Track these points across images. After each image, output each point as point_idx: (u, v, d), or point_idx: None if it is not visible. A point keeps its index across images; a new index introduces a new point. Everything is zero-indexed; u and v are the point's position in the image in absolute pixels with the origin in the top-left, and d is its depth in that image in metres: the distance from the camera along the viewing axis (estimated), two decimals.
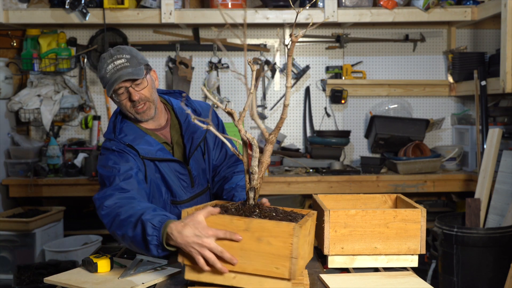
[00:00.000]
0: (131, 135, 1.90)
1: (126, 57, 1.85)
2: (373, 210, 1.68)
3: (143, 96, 1.87)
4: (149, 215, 1.56)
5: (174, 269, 1.69)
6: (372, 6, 3.97)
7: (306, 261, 1.54)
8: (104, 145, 1.92)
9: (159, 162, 1.90)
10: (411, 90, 4.34)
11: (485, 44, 4.36)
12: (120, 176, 1.78)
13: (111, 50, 1.87)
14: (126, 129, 1.92)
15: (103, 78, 1.87)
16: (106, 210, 1.70)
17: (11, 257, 3.61)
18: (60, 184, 3.82)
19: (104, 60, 1.86)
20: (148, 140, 1.90)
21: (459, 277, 3.17)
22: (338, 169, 3.91)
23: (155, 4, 3.87)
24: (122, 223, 1.63)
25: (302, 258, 1.43)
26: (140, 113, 1.89)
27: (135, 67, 1.85)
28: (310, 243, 1.55)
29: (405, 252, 1.70)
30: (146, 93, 1.88)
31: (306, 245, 1.48)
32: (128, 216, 1.62)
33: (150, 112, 1.90)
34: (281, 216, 1.49)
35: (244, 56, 1.33)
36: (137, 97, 1.86)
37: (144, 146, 1.88)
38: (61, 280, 1.62)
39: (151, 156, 1.88)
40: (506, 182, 3.32)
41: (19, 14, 3.86)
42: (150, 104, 1.89)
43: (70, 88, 4.21)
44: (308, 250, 1.52)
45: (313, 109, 4.34)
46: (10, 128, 4.12)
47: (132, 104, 1.87)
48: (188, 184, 1.97)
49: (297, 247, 1.36)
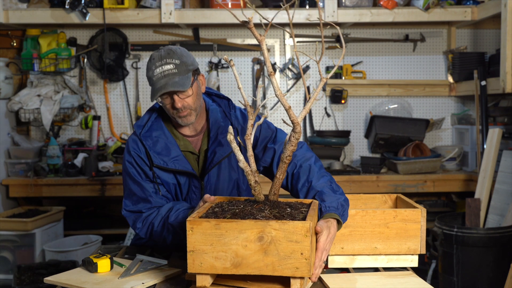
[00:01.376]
0: (155, 136, 1.92)
1: (176, 62, 1.83)
2: (373, 210, 1.68)
3: (186, 104, 1.86)
4: (173, 216, 1.79)
5: (174, 269, 1.69)
6: (372, 6, 3.97)
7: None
8: (129, 143, 1.95)
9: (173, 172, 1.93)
10: (411, 90, 4.34)
11: (485, 44, 4.36)
12: (143, 196, 1.91)
13: (162, 51, 1.85)
14: (155, 128, 1.94)
15: (150, 79, 1.87)
16: (140, 228, 1.90)
17: (11, 257, 3.61)
18: (60, 184, 3.82)
19: (153, 61, 1.85)
20: (169, 146, 1.92)
21: (459, 277, 3.17)
22: (338, 169, 3.91)
23: (155, 4, 3.87)
24: (157, 233, 1.85)
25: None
26: (181, 117, 1.89)
27: (183, 75, 1.83)
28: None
29: (405, 252, 1.70)
30: (190, 101, 1.87)
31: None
32: (160, 225, 1.83)
33: (191, 118, 1.90)
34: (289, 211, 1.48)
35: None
36: (180, 105, 1.85)
37: (161, 153, 1.90)
38: (61, 280, 1.62)
39: (163, 166, 1.90)
40: (506, 182, 3.32)
41: (19, 14, 3.86)
42: (192, 111, 1.89)
43: (70, 88, 4.21)
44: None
45: (313, 109, 4.34)
46: (10, 128, 4.12)
47: (175, 110, 1.87)
48: (198, 197, 1.96)
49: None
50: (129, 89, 4.31)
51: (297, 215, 1.45)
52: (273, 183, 1.52)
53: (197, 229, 1.37)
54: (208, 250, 1.37)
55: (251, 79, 4.32)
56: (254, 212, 1.44)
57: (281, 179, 1.50)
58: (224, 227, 1.37)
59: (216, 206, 1.55)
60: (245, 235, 1.36)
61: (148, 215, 1.88)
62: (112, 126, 4.29)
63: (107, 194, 3.79)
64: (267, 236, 1.36)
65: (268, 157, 1.94)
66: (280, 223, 1.36)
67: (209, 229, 1.37)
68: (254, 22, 1.41)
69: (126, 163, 1.94)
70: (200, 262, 1.38)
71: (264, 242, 1.36)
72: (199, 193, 1.96)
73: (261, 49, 1.44)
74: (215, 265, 1.38)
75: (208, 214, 1.46)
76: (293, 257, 1.35)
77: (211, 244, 1.37)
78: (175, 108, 1.86)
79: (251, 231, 1.36)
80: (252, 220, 1.38)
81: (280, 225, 1.35)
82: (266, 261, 1.36)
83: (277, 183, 1.51)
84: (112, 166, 3.91)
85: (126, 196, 1.95)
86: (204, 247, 1.37)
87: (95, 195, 3.81)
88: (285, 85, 4.34)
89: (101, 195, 3.80)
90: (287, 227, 1.35)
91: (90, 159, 3.87)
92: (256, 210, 1.46)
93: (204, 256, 1.37)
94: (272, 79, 1.45)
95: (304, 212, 1.47)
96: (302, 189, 1.79)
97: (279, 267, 1.36)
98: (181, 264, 1.75)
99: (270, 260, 1.36)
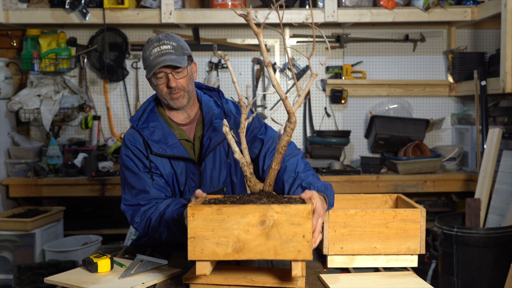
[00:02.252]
0: (152, 127, 1.96)
1: (173, 44, 1.90)
2: (373, 210, 1.68)
3: (180, 85, 1.92)
4: (169, 213, 1.79)
5: (174, 269, 1.69)
6: (372, 6, 3.97)
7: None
8: (125, 136, 1.98)
9: (172, 159, 1.95)
10: (411, 90, 4.34)
11: (485, 44, 4.36)
12: (141, 188, 1.91)
13: (160, 35, 1.93)
14: (151, 119, 1.98)
15: (146, 59, 1.92)
16: (138, 223, 1.91)
17: (11, 257, 3.61)
18: (60, 184, 3.82)
19: (151, 42, 1.92)
20: (166, 135, 1.96)
21: (459, 277, 3.18)
22: (338, 169, 3.91)
23: (155, 4, 3.87)
24: (154, 228, 1.86)
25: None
26: (173, 99, 1.93)
27: (179, 56, 1.90)
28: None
29: (404, 252, 1.70)
30: (183, 82, 1.93)
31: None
32: (157, 220, 1.84)
33: (183, 101, 1.94)
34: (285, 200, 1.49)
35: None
36: (174, 84, 1.91)
37: (160, 141, 1.94)
38: (61, 280, 1.61)
39: (162, 153, 1.93)
40: (506, 182, 3.32)
41: (19, 14, 3.86)
42: (185, 93, 1.94)
43: (70, 88, 4.21)
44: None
45: (313, 109, 4.35)
46: (10, 128, 4.12)
47: (168, 90, 1.92)
48: (196, 184, 1.99)
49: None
50: (129, 89, 4.31)
51: (295, 202, 1.45)
52: (268, 174, 1.52)
53: (198, 215, 1.36)
54: (209, 236, 1.36)
55: (251, 79, 4.32)
56: (253, 200, 1.45)
57: (276, 169, 1.51)
58: (226, 211, 1.36)
59: (212, 199, 1.55)
60: (247, 219, 1.36)
61: (146, 209, 1.89)
62: (112, 126, 4.29)
63: (107, 194, 3.79)
64: (269, 220, 1.35)
65: (256, 148, 1.99)
66: (282, 206, 1.36)
67: (211, 214, 1.36)
68: (254, 23, 1.41)
69: (124, 157, 1.96)
70: (201, 248, 1.37)
71: (266, 226, 1.36)
72: (198, 180, 1.98)
73: (258, 42, 1.45)
74: (216, 251, 1.37)
75: (205, 203, 1.46)
76: (295, 240, 1.35)
77: (213, 230, 1.36)
78: (169, 87, 1.91)
79: (253, 215, 1.36)
80: (254, 205, 1.38)
81: (282, 208, 1.36)
82: (268, 245, 1.36)
83: (272, 174, 1.51)
84: (112, 166, 3.92)
85: (124, 192, 1.96)
86: (205, 233, 1.36)
87: (95, 195, 3.81)
88: (285, 85, 4.34)
89: (101, 195, 3.81)
90: (289, 210, 1.35)
91: (90, 159, 3.87)
92: (254, 198, 1.46)
93: (205, 242, 1.37)
94: (269, 69, 1.45)
95: (300, 201, 1.48)
96: (288, 180, 1.83)
97: (281, 250, 1.36)
98: (181, 264, 1.75)
99: (272, 244, 1.36)
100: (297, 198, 1.56)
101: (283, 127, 1.52)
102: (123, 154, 1.97)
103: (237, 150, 1.47)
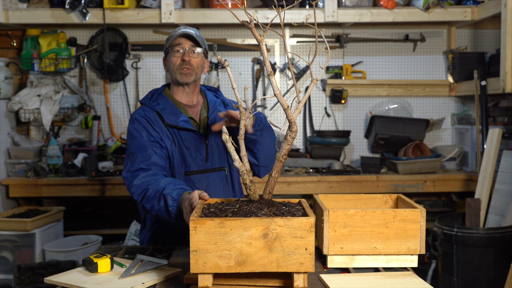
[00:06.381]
0: (162, 105, 2.13)
1: (197, 33, 2.14)
2: (373, 210, 1.68)
3: (192, 62, 2.11)
4: (169, 189, 1.81)
5: (174, 269, 1.69)
6: (372, 6, 3.97)
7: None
8: (134, 113, 2.13)
9: (181, 132, 2.10)
10: (411, 90, 4.34)
11: (485, 44, 4.36)
12: (142, 153, 2.01)
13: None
14: (160, 100, 2.15)
15: (169, 38, 2.13)
16: (136, 188, 1.95)
17: (11, 257, 3.61)
18: (60, 184, 3.82)
19: (176, 28, 2.16)
20: (176, 111, 2.13)
21: (459, 277, 3.18)
22: (338, 169, 3.91)
23: (155, 4, 3.87)
24: (149, 198, 1.88)
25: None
26: (182, 74, 2.11)
27: (200, 41, 2.12)
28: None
29: (404, 252, 1.70)
30: (196, 63, 2.12)
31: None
32: (153, 192, 1.87)
33: (190, 77, 2.12)
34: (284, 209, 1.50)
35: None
36: (188, 59, 2.09)
37: (171, 115, 2.10)
38: (61, 280, 1.62)
39: (174, 124, 2.08)
40: (506, 182, 3.32)
41: (19, 14, 3.86)
42: (193, 72, 2.12)
43: (70, 88, 4.21)
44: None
45: (313, 109, 4.34)
46: (10, 128, 4.12)
47: (181, 63, 2.10)
48: (203, 157, 2.13)
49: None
50: (129, 89, 4.31)
51: (296, 212, 1.45)
52: (267, 182, 1.54)
53: (200, 228, 1.37)
54: (211, 249, 1.37)
55: (251, 79, 4.32)
56: (254, 210, 1.45)
57: (276, 178, 1.52)
58: (229, 225, 1.37)
59: (210, 206, 1.55)
60: (249, 232, 1.37)
61: (145, 176, 1.95)
62: (112, 126, 4.29)
63: (107, 194, 3.79)
64: (272, 233, 1.37)
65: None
66: (285, 219, 1.37)
67: (213, 227, 1.37)
68: (254, 22, 1.41)
69: (130, 129, 2.09)
70: (204, 261, 1.37)
71: (269, 239, 1.37)
72: (204, 153, 2.13)
73: (260, 49, 1.46)
74: (219, 264, 1.38)
75: (206, 215, 1.46)
76: (298, 253, 1.37)
77: (215, 243, 1.37)
78: (183, 60, 2.09)
79: (256, 229, 1.36)
80: (257, 218, 1.38)
81: (285, 222, 1.37)
82: (270, 258, 1.37)
83: (272, 182, 1.52)
84: (112, 166, 3.91)
85: (127, 161, 2.05)
86: (207, 246, 1.37)
87: (95, 195, 3.81)
88: (285, 85, 4.34)
89: (101, 195, 3.81)
90: (292, 223, 1.37)
91: (90, 159, 3.87)
92: (255, 208, 1.46)
93: (207, 255, 1.37)
94: (272, 79, 1.46)
95: (300, 210, 1.48)
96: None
97: (284, 263, 1.37)
98: (181, 264, 1.75)
99: (274, 257, 1.37)
100: (295, 203, 1.57)
101: (281, 130, 1.53)
102: (130, 127, 2.09)
103: (236, 158, 1.49)
